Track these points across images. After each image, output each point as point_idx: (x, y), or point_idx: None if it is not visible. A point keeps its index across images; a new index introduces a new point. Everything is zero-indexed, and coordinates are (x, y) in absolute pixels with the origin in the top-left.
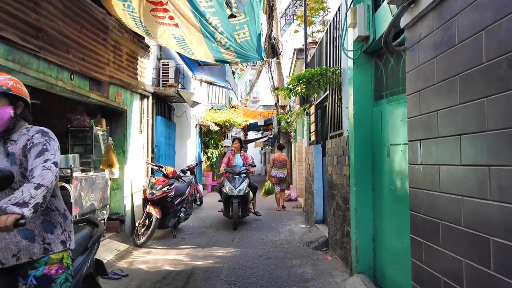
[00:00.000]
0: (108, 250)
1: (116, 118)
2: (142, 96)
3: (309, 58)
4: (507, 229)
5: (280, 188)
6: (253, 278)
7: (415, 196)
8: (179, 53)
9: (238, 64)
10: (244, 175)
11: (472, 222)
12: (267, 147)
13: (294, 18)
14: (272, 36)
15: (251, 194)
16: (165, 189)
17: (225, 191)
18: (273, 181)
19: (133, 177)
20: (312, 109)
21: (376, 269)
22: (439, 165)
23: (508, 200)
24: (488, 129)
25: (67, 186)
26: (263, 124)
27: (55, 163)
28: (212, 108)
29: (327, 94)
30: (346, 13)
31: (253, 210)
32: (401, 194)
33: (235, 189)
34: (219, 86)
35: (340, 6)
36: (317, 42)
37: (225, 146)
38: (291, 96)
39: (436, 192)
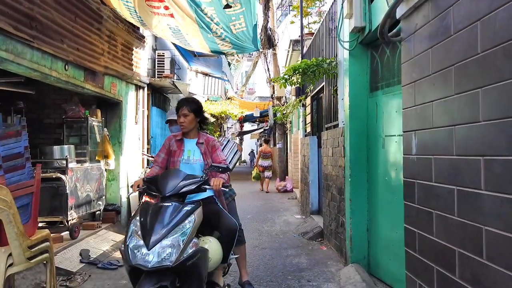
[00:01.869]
0: (104, 241)
1: (111, 109)
2: (138, 87)
3: (305, 49)
4: (500, 218)
5: (266, 174)
6: (248, 268)
7: (409, 186)
8: (174, 44)
9: (234, 55)
10: (194, 196)
11: (465, 212)
12: (263, 139)
13: (290, 9)
14: (268, 27)
15: (216, 252)
16: None
17: (122, 254)
18: (260, 169)
19: (129, 168)
20: (308, 100)
21: (370, 259)
22: (433, 155)
23: (500, 190)
24: (482, 120)
25: (63, 177)
26: (259, 115)
27: None
28: (208, 99)
29: (323, 85)
30: (342, 4)
31: (242, 280)
32: (396, 185)
33: (149, 249)
34: (215, 77)
35: None
36: (313, 33)
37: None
38: (287, 85)
39: (430, 182)
